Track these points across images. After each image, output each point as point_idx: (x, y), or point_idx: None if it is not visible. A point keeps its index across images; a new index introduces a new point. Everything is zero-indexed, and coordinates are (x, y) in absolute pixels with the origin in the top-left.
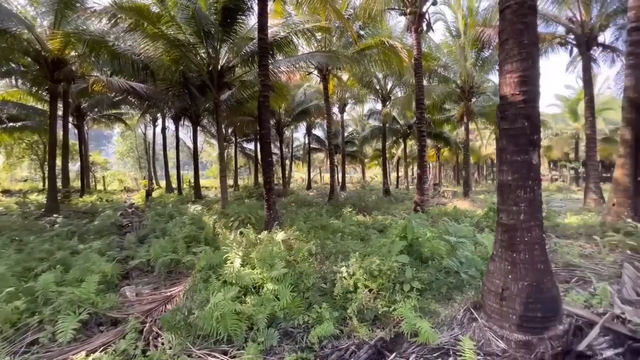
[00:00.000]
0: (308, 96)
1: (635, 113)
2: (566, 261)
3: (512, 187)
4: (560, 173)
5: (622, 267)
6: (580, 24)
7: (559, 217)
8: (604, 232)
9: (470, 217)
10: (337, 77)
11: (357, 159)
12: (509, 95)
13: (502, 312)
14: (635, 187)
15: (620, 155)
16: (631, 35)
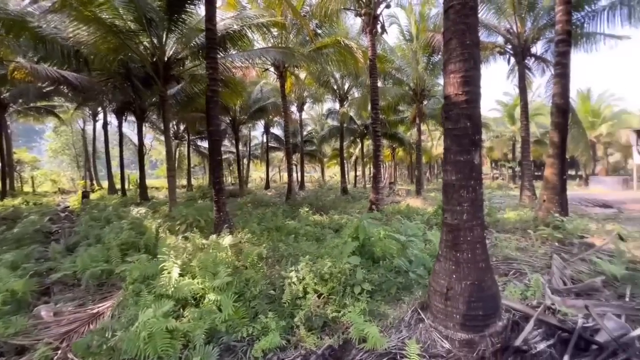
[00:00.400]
0: (265, 94)
1: (562, 117)
2: (505, 255)
3: (456, 187)
4: (501, 172)
5: (552, 258)
6: (516, 36)
7: (499, 213)
8: (536, 227)
9: (421, 214)
10: (294, 75)
11: (317, 158)
12: (452, 95)
13: (447, 312)
14: (561, 184)
15: (550, 155)
16: (558, 47)
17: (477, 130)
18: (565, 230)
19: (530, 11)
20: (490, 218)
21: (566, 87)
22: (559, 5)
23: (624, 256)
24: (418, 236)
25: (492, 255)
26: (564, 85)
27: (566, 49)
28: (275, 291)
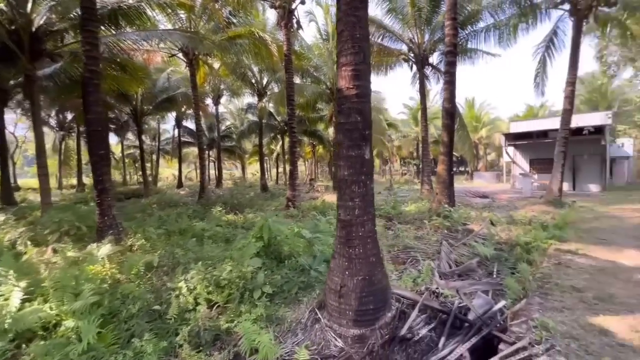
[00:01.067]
0: (174, 83)
1: (450, 120)
2: (405, 244)
3: (348, 182)
4: (408, 168)
5: (441, 244)
6: (417, 45)
7: (402, 206)
8: (430, 217)
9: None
10: (207, 65)
11: (236, 155)
12: (344, 89)
13: (340, 310)
14: (450, 179)
15: (441, 153)
16: (447, 57)
17: (367, 125)
18: (452, 219)
19: (428, 25)
20: (394, 211)
21: (453, 93)
22: (447, 20)
23: (493, 239)
24: (326, 232)
25: (395, 245)
26: (452, 91)
27: (453, 60)
28: (161, 306)
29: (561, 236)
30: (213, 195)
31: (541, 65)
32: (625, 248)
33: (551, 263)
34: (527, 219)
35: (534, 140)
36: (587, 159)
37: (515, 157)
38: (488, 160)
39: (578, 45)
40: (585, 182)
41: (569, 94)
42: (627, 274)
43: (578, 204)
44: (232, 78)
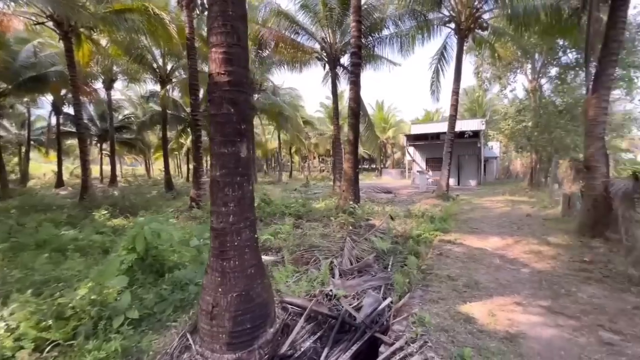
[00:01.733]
0: (47, 58)
1: (355, 119)
2: (311, 243)
3: (221, 184)
4: (326, 166)
5: (345, 241)
6: (329, 45)
7: (314, 203)
8: (337, 214)
9: None
10: (92, 41)
11: (137, 149)
12: (214, 74)
13: (212, 334)
14: (355, 176)
15: (347, 152)
16: (352, 58)
17: (243, 118)
18: (357, 215)
19: (339, 26)
20: (304, 209)
21: (358, 94)
22: (352, 22)
23: (391, 233)
24: None
25: (301, 244)
26: (357, 91)
27: (358, 61)
28: None
29: (444, 228)
30: (101, 196)
31: (435, 75)
32: (490, 235)
33: (435, 254)
34: (421, 212)
35: (429, 141)
36: (468, 158)
37: (415, 156)
38: (395, 159)
39: (461, 61)
40: (467, 178)
41: (454, 102)
42: (489, 259)
43: (460, 197)
44: (126, 60)
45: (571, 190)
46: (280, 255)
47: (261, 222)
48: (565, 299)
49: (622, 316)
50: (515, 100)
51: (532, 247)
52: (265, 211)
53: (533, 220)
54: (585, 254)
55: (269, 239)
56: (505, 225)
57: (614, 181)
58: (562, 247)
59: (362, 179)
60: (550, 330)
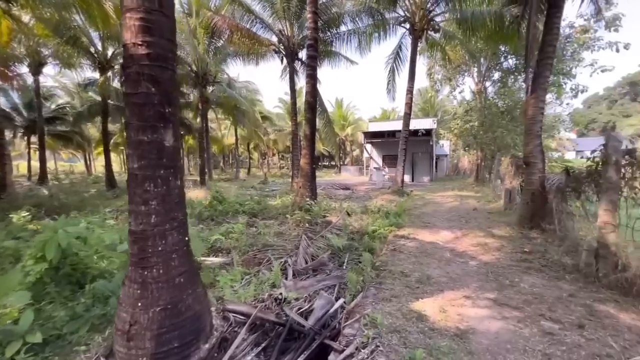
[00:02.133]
0: None
1: (311, 113)
2: (264, 242)
3: (139, 178)
4: (286, 162)
5: (301, 239)
6: (287, 38)
7: (271, 200)
8: (293, 211)
9: (195, 207)
10: (10, 16)
11: (75, 143)
12: (130, 45)
13: (131, 357)
14: (312, 172)
15: (303, 147)
16: (309, 50)
17: (168, 100)
18: (313, 212)
19: (297, 19)
20: (259, 206)
21: (315, 87)
22: (309, 13)
23: (348, 229)
24: None
25: (254, 244)
26: (313, 85)
27: (314, 54)
28: None
29: (399, 223)
30: (25, 195)
31: (391, 74)
32: (441, 229)
33: (389, 249)
34: (377, 207)
35: (386, 139)
36: (421, 156)
37: (372, 153)
38: (354, 156)
39: (415, 60)
40: (420, 175)
41: (408, 100)
42: (440, 253)
43: (414, 192)
44: (57, 42)
45: (512, 185)
46: (231, 256)
47: (213, 222)
48: (510, 289)
49: (559, 304)
50: (464, 101)
51: (479, 239)
52: (217, 210)
53: (479, 214)
54: (525, 245)
55: (219, 240)
56: (454, 219)
57: (549, 176)
58: (505, 239)
59: (322, 176)
60: (497, 324)
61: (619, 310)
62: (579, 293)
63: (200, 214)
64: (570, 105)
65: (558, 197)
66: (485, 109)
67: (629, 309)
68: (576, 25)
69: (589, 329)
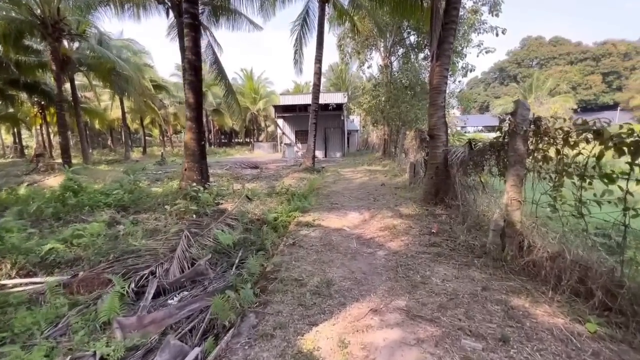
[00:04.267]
0: None
1: (195, 76)
2: (128, 246)
3: None
4: None
5: (181, 238)
6: None
7: (153, 186)
8: (175, 200)
9: (34, 201)
10: None
11: None
12: None
13: None
14: (200, 150)
15: (187, 119)
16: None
17: None
18: (202, 200)
19: None
20: (131, 196)
21: (197, 42)
22: None
23: (246, 218)
24: None
25: (110, 251)
26: (194, 38)
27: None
28: None
29: (304, 207)
30: None
31: (298, 43)
32: (349, 211)
33: (288, 244)
34: (285, 188)
35: (297, 113)
36: (333, 131)
37: (285, 129)
38: (269, 132)
39: (323, 26)
40: (333, 150)
41: (317, 70)
42: (346, 244)
43: (326, 168)
44: None
45: (416, 158)
46: (67, 276)
47: (60, 221)
48: (422, 289)
49: (475, 305)
50: (372, 78)
51: (387, 221)
52: (67, 204)
53: (386, 190)
54: (432, 225)
55: (57, 249)
56: (363, 198)
57: (453, 149)
58: (412, 219)
59: (233, 153)
60: (412, 354)
61: (533, 304)
62: (492, 284)
63: (39, 210)
64: (462, 84)
65: (461, 171)
66: (391, 84)
67: (541, 298)
68: (467, 6)
69: (514, 342)
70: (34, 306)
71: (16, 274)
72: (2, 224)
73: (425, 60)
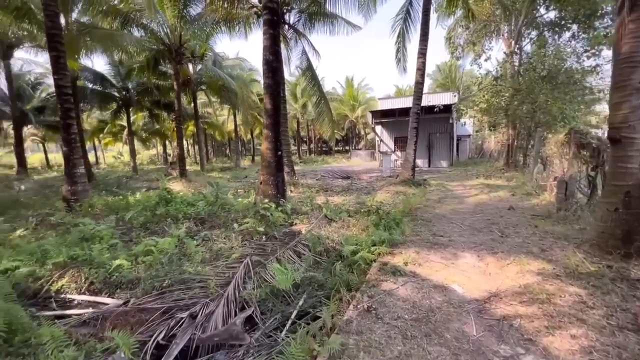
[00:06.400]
0: None
1: (272, 78)
2: (179, 274)
3: None
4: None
5: (242, 265)
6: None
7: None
8: (244, 217)
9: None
10: None
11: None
12: None
13: None
14: (277, 161)
15: (265, 126)
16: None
17: None
18: (272, 220)
19: None
20: (209, 209)
21: (276, 40)
22: None
23: (319, 246)
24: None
25: (164, 277)
26: (273, 36)
27: None
28: None
29: (394, 239)
30: None
31: (401, 39)
32: (461, 250)
33: (359, 309)
34: (375, 205)
35: (397, 118)
36: (439, 136)
37: (382, 135)
38: (368, 139)
39: (428, 14)
40: (438, 159)
41: (420, 65)
42: (457, 325)
43: (430, 181)
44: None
45: (569, 173)
46: (115, 302)
47: (147, 231)
48: None
49: None
50: (491, 71)
51: (530, 280)
52: (155, 214)
53: (518, 217)
54: (631, 303)
55: (123, 267)
56: (482, 228)
57: None
58: (581, 281)
59: (330, 162)
60: None
61: None
62: None
63: (133, 219)
64: None
65: None
66: (520, 75)
67: None
68: None
69: None
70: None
71: (86, 288)
72: (97, 232)
73: (573, 40)
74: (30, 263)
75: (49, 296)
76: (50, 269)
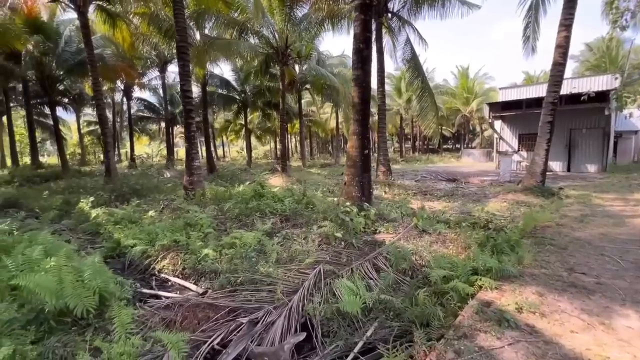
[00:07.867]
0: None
1: (362, 70)
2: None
3: None
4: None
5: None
6: None
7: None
8: (324, 218)
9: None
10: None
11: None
12: None
13: None
14: (363, 161)
15: (352, 122)
16: None
17: None
18: (352, 225)
19: None
20: (294, 207)
21: (367, 25)
22: None
23: (402, 263)
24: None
25: (240, 273)
26: (365, 22)
27: None
28: None
29: (503, 269)
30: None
31: (533, 11)
32: (618, 303)
33: None
34: (486, 218)
35: (524, 110)
36: (586, 133)
37: (503, 132)
38: (485, 137)
39: None
40: (583, 162)
41: (561, 41)
42: None
43: (567, 191)
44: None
45: None
46: (196, 289)
47: (239, 222)
48: None
49: None
50: None
51: None
52: (248, 207)
53: None
54: None
55: (209, 257)
56: None
57: None
58: None
59: (436, 161)
60: None
61: None
62: None
63: (229, 210)
64: None
65: None
66: None
67: None
68: None
69: None
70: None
71: (180, 272)
72: (199, 219)
73: None
74: (145, 242)
75: (153, 274)
76: (157, 250)
